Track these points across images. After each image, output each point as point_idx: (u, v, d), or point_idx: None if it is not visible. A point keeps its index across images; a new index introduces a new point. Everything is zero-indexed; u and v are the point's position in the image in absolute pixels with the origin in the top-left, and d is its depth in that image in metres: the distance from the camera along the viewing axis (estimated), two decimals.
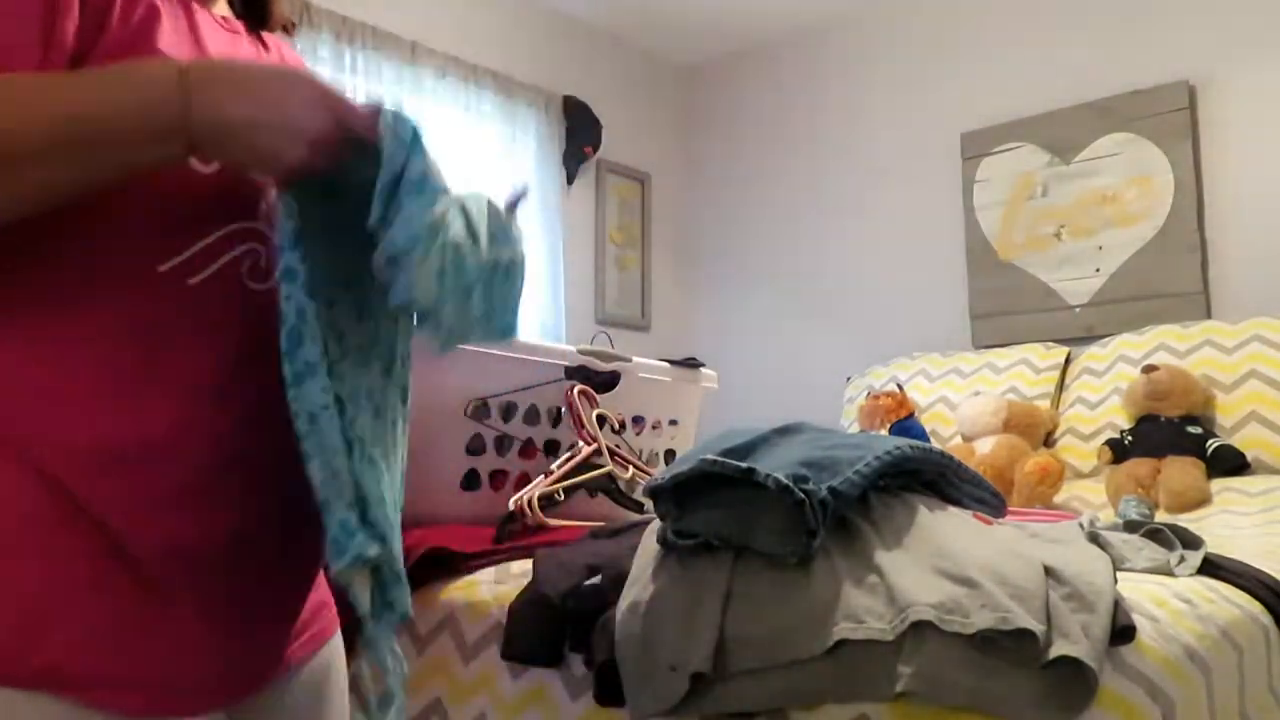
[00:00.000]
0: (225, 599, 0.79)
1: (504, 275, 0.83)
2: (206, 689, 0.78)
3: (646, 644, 0.98)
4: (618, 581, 1.13)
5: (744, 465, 1.01)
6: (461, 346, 0.84)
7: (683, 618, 0.98)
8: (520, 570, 1.30)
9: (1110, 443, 2.61)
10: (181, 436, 0.76)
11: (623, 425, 1.82)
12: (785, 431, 1.16)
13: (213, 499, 0.77)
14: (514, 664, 1.19)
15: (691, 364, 2.05)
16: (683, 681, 0.93)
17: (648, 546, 1.12)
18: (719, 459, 1.03)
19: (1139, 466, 2.45)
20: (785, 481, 0.98)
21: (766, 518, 1.00)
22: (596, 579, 1.19)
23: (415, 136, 0.77)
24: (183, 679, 0.76)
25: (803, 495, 0.97)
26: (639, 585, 1.05)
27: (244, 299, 0.80)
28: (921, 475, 1.21)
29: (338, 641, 0.96)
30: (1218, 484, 2.37)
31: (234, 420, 0.78)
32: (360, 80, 3.22)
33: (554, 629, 1.15)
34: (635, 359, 1.93)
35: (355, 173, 0.76)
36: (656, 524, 1.14)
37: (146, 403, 0.75)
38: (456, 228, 0.77)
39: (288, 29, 0.96)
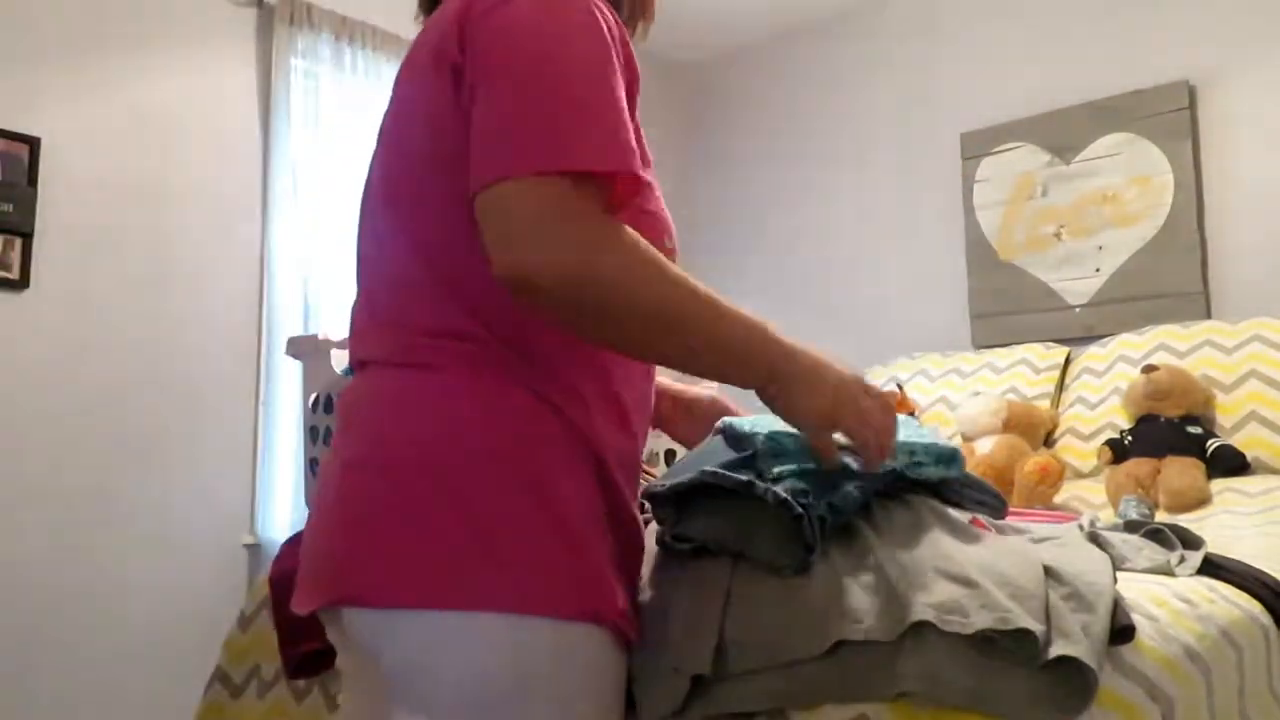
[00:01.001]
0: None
1: None
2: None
3: (652, 647, 0.98)
4: None
5: (743, 479, 1.01)
6: None
7: (685, 620, 0.98)
8: None
9: (1110, 443, 2.61)
10: (638, 447, 1.05)
11: None
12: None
13: (631, 482, 1.04)
14: None
15: None
16: (684, 682, 0.93)
17: (649, 549, 1.12)
18: (718, 470, 1.02)
19: (1139, 466, 2.45)
20: (783, 496, 0.97)
21: (765, 529, 0.99)
22: None
23: None
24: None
25: (801, 510, 0.97)
26: (641, 588, 1.05)
27: None
28: (924, 480, 1.20)
29: None
30: (1218, 484, 2.37)
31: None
32: (360, 80, 3.22)
33: None
34: None
35: None
36: (656, 526, 1.14)
37: (632, 426, 1.03)
38: None
39: None
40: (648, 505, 1.11)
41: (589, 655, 0.91)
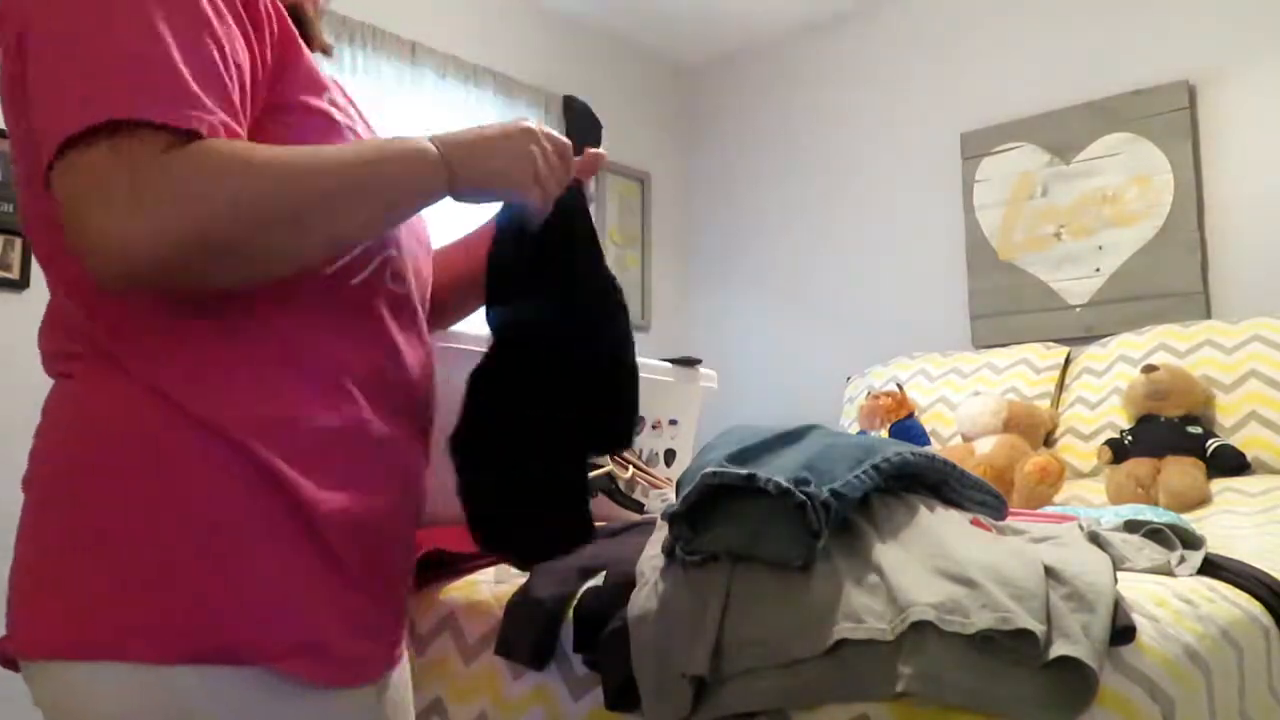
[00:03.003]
0: (382, 578, 0.88)
1: None
2: (370, 659, 0.87)
3: (660, 654, 0.98)
4: (622, 583, 1.13)
5: (744, 472, 1.01)
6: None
7: (690, 624, 0.98)
8: (520, 570, 1.30)
9: (1110, 443, 2.61)
10: (348, 422, 0.85)
11: None
12: (791, 435, 1.16)
13: (370, 478, 0.86)
14: (515, 664, 1.19)
15: (691, 362, 2.05)
16: (688, 688, 0.94)
17: (652, 554, 1.12)
18: (720, 470, 1.03)
19: (1139, 466, 2.45)
20: (785, 485, 0.98)
21: (772, 526, 1.00)
22: (598, 580, 1.19)
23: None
24: (355, 648, 0.84)
25: (804, 497, 0.97)
26: (646, 594, 1.05)
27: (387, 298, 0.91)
28: (924, 479, 1.21)
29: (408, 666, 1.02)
30: (1218, 484, 2.37)
31: (380, 410, 0.88)
32: (361, 79, 3.22)
33: (544, 631, 1.15)
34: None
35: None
36: (660, 530, 1.14)
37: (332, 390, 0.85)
38: None
39: (326, 52, 1.02)
40: (647, 504, 1.11)
41: (239, 701, 0.77)
